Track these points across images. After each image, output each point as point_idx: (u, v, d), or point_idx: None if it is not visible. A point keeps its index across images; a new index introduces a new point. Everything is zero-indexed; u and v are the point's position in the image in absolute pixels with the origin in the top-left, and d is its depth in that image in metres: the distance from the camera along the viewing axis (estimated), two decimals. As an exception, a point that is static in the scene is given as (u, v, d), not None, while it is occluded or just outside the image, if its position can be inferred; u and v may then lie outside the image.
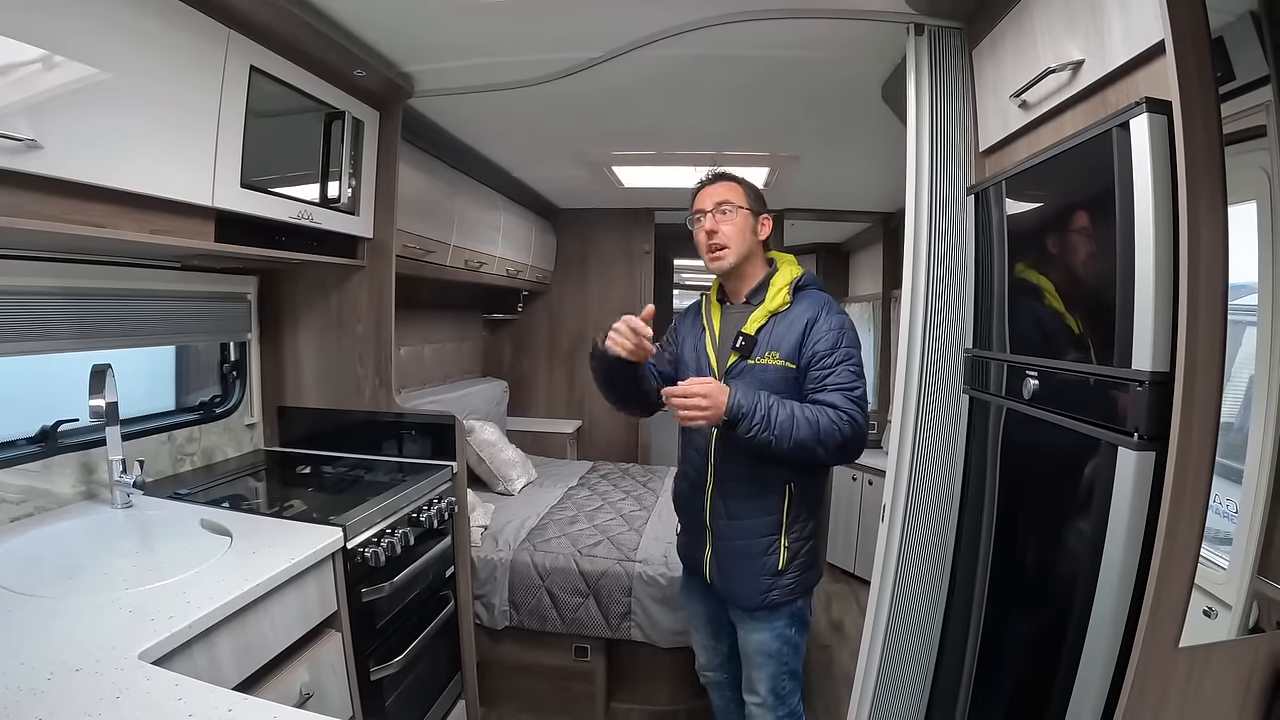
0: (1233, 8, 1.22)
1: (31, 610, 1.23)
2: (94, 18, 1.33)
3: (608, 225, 4.80)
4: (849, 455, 1.63)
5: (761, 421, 1.54)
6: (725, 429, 1.57)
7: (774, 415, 1.55)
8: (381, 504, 1.94)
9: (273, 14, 1.71)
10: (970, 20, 1.77)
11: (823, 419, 1.57)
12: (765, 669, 1.83)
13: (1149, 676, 1.14)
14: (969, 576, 1.77)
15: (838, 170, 3.59)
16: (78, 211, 1.36)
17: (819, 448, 1.57)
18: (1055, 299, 1.43)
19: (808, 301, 1.76)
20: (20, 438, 1.74)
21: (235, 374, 2.46)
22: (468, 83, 2.38)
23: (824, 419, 1.57)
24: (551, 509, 3.31)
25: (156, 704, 0.97)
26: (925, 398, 1.84)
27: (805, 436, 1.55)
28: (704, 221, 1.78)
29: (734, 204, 1.77)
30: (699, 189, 1.85)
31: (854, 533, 4.20)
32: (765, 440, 1.55)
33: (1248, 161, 1.26)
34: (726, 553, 1.81)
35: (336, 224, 2.16)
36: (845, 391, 1.62)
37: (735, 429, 1.55)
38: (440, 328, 4.11)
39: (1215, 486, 1.11)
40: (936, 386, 1.84)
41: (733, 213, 1.76)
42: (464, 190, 3.28)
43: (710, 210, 1.77)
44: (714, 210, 1.77)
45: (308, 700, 1.50)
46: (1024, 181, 1.54)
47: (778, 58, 2.12)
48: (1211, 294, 1.06)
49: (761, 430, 1.54)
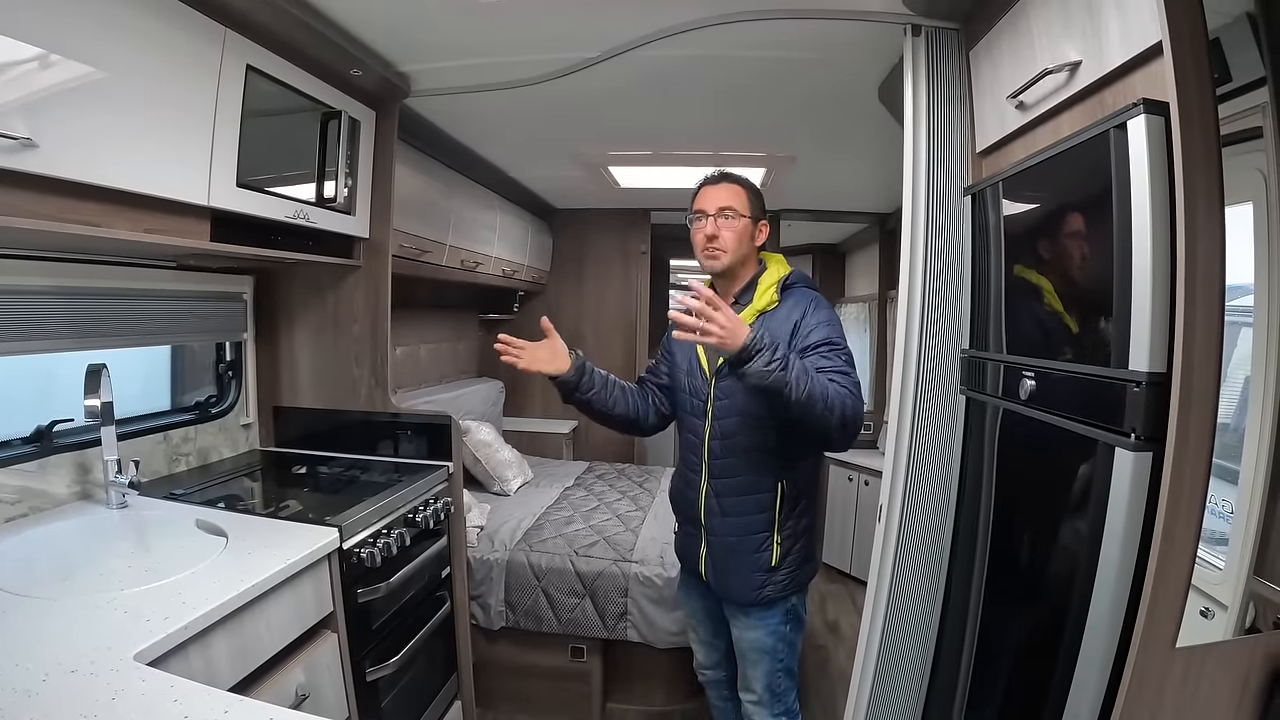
0: (1230, 9, 1.22)
1: (26, 611, 1.22)
2: (90, 16, 1.32)
3: (604, 225, 4.80)
4: (849, 433, 1.56)
5: (781, 360, 1.44)
6: (738, 363, 1.45)
7: (791, 360, 1.46)
8: (377, 504, 1.94)
9: (270, 13, 1.71)
10: (967, 21, 1.77)
11: (831, 387, 1.52)
12: (760, 666, 1.84)
13: (1146, 677, 1.14)
14: (966, 577, 1.77)
15: (834, 171, 3.59)
16: (73, 210, 1.36)
17: (828, 412, 1.49)
18: (1052, 300, 1.43)
19: (795, 299, 1.75)
20: (15, 437, 1.73)
21: (231, 374, 2.45)
22: (464, 82, 2.37)
23: (832, 387, 1.52)
24: (547, 509, 3.31)
25: (152, 705, 0.97)
26: (922, 398, 1.84)
27: (816, 392, 1.47)
28: (705, 224, 1.76)
29: (737, 211, 1.75)
30: (701, 186, 1.83)
31: (850, 533, 4.21)
32: (781, 381, 1.44)
33: (1244, 163, 1.26)
34: (720, 549, 1.81)
35: (332, 224, 2.15)
36: (841, 374, 1.59)
37: (752, 361, 1.43)
38: (436, 328, 4.10)
39: (1212, 487, 1.11)
40: (933, 387, 1.84)
41: (735, 219, 1.75)
42: (460, 190, 3.28)
43: (713, 215, 1.75)
44: (716, 215, 1.75)
45: (304, 701, 1.50)
46: (1021, 182, 1.54)
47: (774, 58, 2.12)
48: (1208, 295, 1.07)
49: (780, 369, 1.43)
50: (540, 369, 1.75)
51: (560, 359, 1.77)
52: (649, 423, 1.95)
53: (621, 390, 1.89)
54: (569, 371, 1.77)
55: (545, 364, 1.75)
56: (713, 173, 1.85)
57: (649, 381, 2.00)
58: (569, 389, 1.79)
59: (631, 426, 1.95)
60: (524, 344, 1.76)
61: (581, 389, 1.80)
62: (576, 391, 1.80)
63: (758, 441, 1.73)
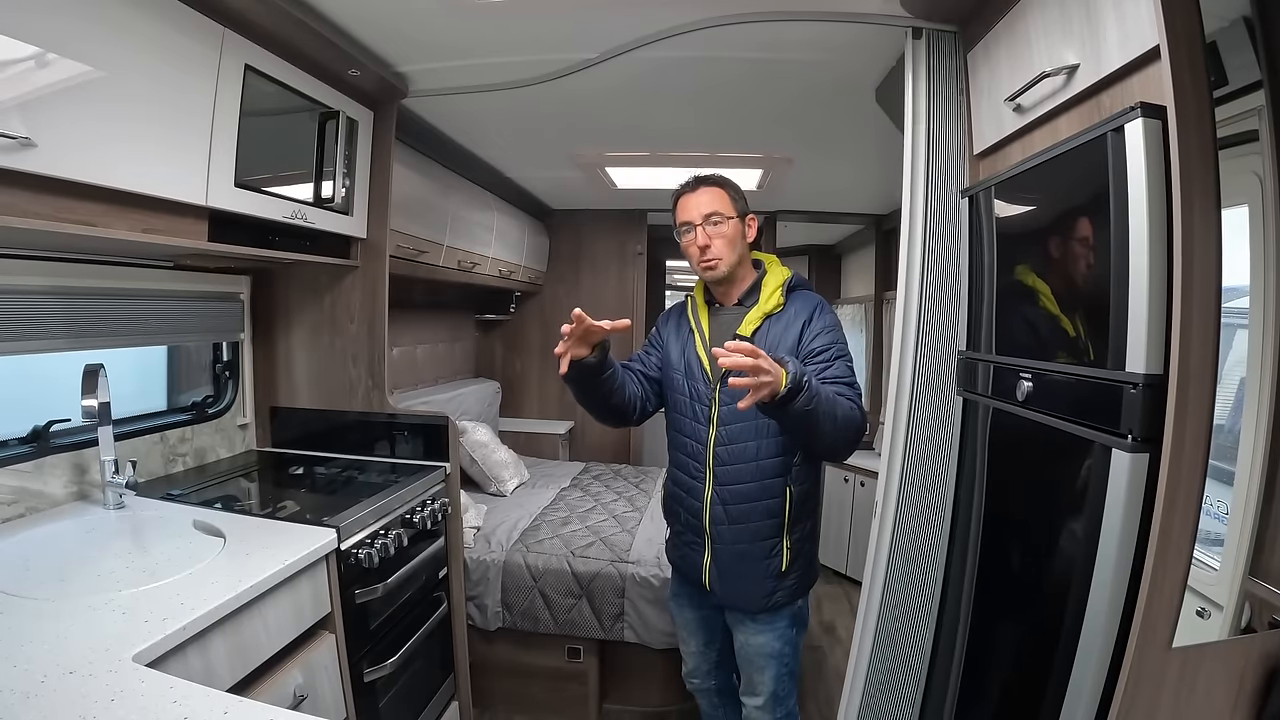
0: (1226, 13, 1.23)
1: (24, 612, 1.22)
2: (89, 16, 1.32)
3: (600, 226, 4.80)
4: (855, 443, 1.57)
5: (817, 393, 1.40)
6: (783, 400, 1.37)
7: (816, 386, 1.42)
8: (375, 505, 1.93)
9: (268, 13, 1.71)
10: (965, 24, 1.78)
11: (843, 401, 1.51)
12: (768, 671, 1.83)
13: (1142, 677, 1.14)
14: (962, 578, 1.77)
15: (831, 172, 3.60)
16: (70, 210, 1.35)
17: (844, 431, 1.48)
18: (1050, 302, 1.44)
19: (801, 302, 1.75)
20: (12, 438, 1.73)
21: (228, 374, 2.45)
22: (462, 83, 2.37)
23: (843, 401, 1.51)
24: (544, 510, 3.31)
25: (151, 707, 0.97)
26: (918, 399, 1.85)
27: (841, 413, 1.47)
28: (694, 235, 1.73)
29: (723, 214, 1.72)
30: (679, 196, 1.79)
31: (846, 534, 4.21)
32: (816, 413, 1.40)
33: (1241, 165, 1.27)
34: (728, 557, 1.78)
35: (330, 224, 2.15)
36: (846, 384, 1.60)
37: (794, 400, 1.37)
38: (433, 328, 4.11)
39: (1207, 488, 1.12)
40: (930, 388, 1.85)
41: (723, 223, 1.72)
42: (457, 190, 3.28)
43: (700, 224, 1.72)
44: (704, 224, 1.72)
45: (302, 702, 1.50)
46: (1018, 185, 1.54)
47: (772, 60, 2.12)
48: (1205, 297, 1.07)
49: (818, 402, 1.40)
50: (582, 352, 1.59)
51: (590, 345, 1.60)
52: (634, 416, 1.85)
53: (623, 380, 1.78)
54: (597, 354, 1.60)
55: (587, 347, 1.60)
56: (687, 179, 1.80)
57: (635, 370, 1.88)
58: (593, 370, 1.62)
59: (621, 418, 1.83)
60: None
61: (602, 370, 1.64)
62: (599, 372, 1.64)
63: (767, 447, 1.70)
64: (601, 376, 1.66)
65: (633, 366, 1.90)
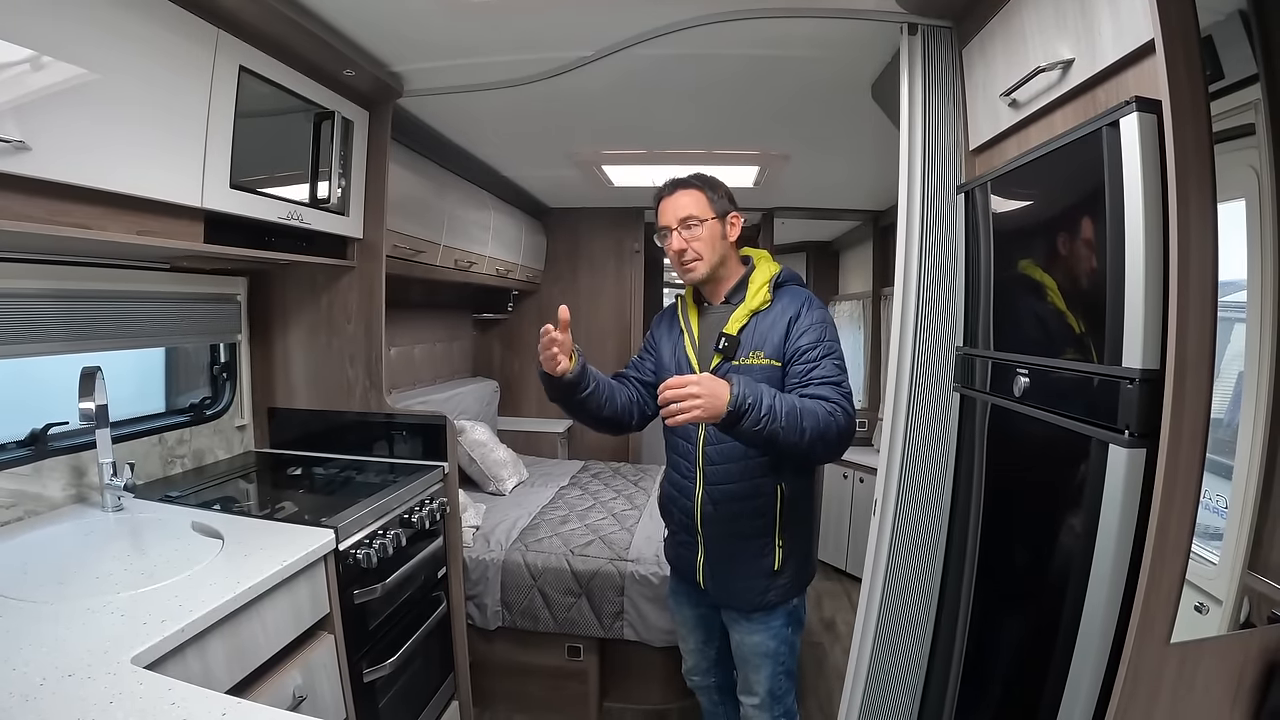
0: (1222, 7, 1.23)
1: (23, 615, 1.22)
2: (82, 19, 1.32)
3: (597, 224, 4.79)
4: (840, 449, 1.56)
5: (769, 413, 1.41)
6: (727, 423, 1.42)
7: (778, 406, 1.43)
8: (373, 505, 1.93)
9: (262, 14, 1.70)
10: (960, 19, 1.77)
11: (820, 410, 1.50)
12: (763, 670, 1.83)
13: (1141, 672, 1.15)
14: (960, 574, 1.78)
15: (827, 169, 3.59)
16: (66, 213, 1.35)
17: (819, 441, 1.48)
18: (1048, 297, 1.43)
19: (789, 298, 1.73)
20: (10, 441, 1.72)
21: (225, 375, 2.45)
22: (457, 82, 2.37)
23: (821, 410, 1.50)
24: (543, 509, 3.31)
25: (150, 708, 0.97)
26: (916, 395, 1.85)
27: (809, 426, 1.46)
28: (671, 240, 1.72)
29: (699, 217, 1.70)
30: (659, 200, 1.78)
31: (845, 530, 4.20)
32: (772, 433, 1.42)
33: (1236, 159, 1.27)
34: (720, 556, 1.78)
35: (326, 224, 2.15)
36: (833, 385, 1.58)
37: (740, 423, 1.41)
38: (430, 328, 4.10)
39: (1205, 482, 1.12)
40: (927, 384, 1.85)
41: (698, 226, 1.70)
42: (454, 190, 3.28)
43: (675, 228, 1.71)
44: (679, 228, 1.71)
45: (301, 703, 1.50)
46: (1014, 180, 1.54)
47: (768, 57, 2.12)
48: (1201, 291, 1.07)
49: (770, 422, 1.41)
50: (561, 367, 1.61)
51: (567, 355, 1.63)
52: (632, 423, 1.85)
53: (612, 391, 1.79)
54: (573, 370, 1.63)
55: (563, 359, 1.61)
56: (665, 183, 1.79)
57: (631, 378, 1.89)
58: (570, 388, 1.65)
59: (618, 428, 1.85)
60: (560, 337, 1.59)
61: (580, 389, 1.67)
62: (576, 391, 1.66)
63: None
64: (581, 395, 1.68)
65: (627, 374, 1.91)
